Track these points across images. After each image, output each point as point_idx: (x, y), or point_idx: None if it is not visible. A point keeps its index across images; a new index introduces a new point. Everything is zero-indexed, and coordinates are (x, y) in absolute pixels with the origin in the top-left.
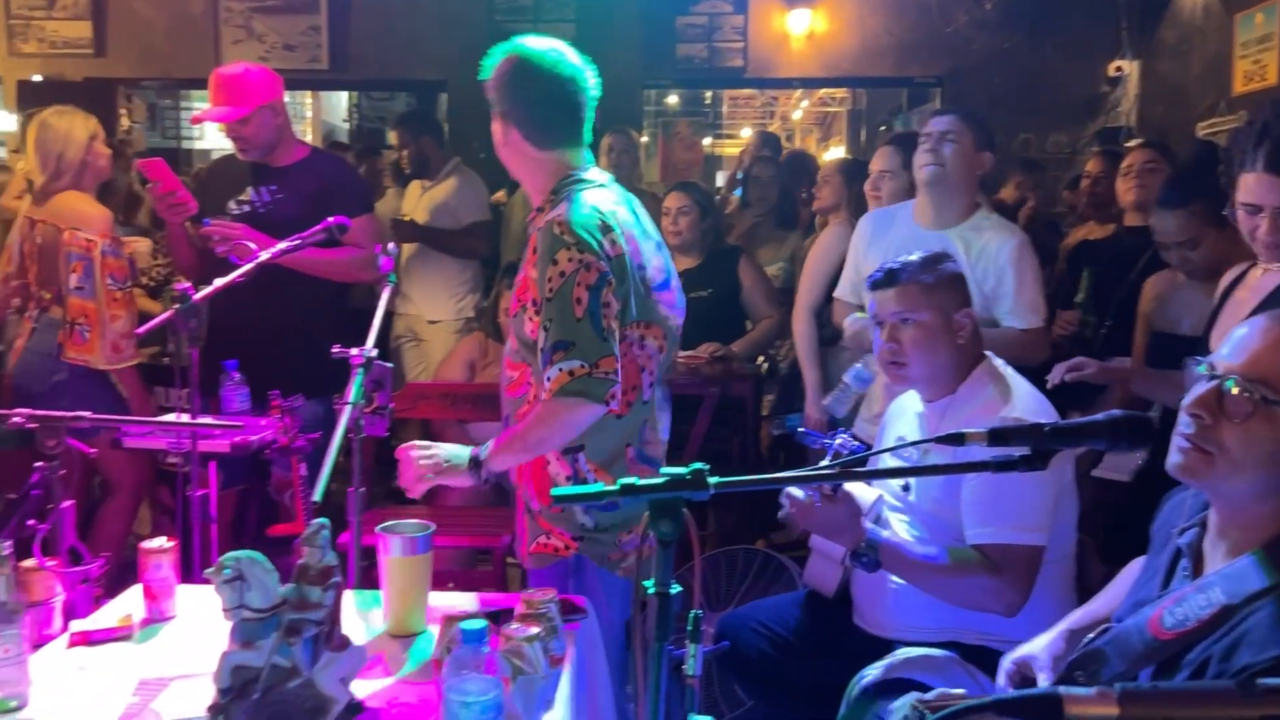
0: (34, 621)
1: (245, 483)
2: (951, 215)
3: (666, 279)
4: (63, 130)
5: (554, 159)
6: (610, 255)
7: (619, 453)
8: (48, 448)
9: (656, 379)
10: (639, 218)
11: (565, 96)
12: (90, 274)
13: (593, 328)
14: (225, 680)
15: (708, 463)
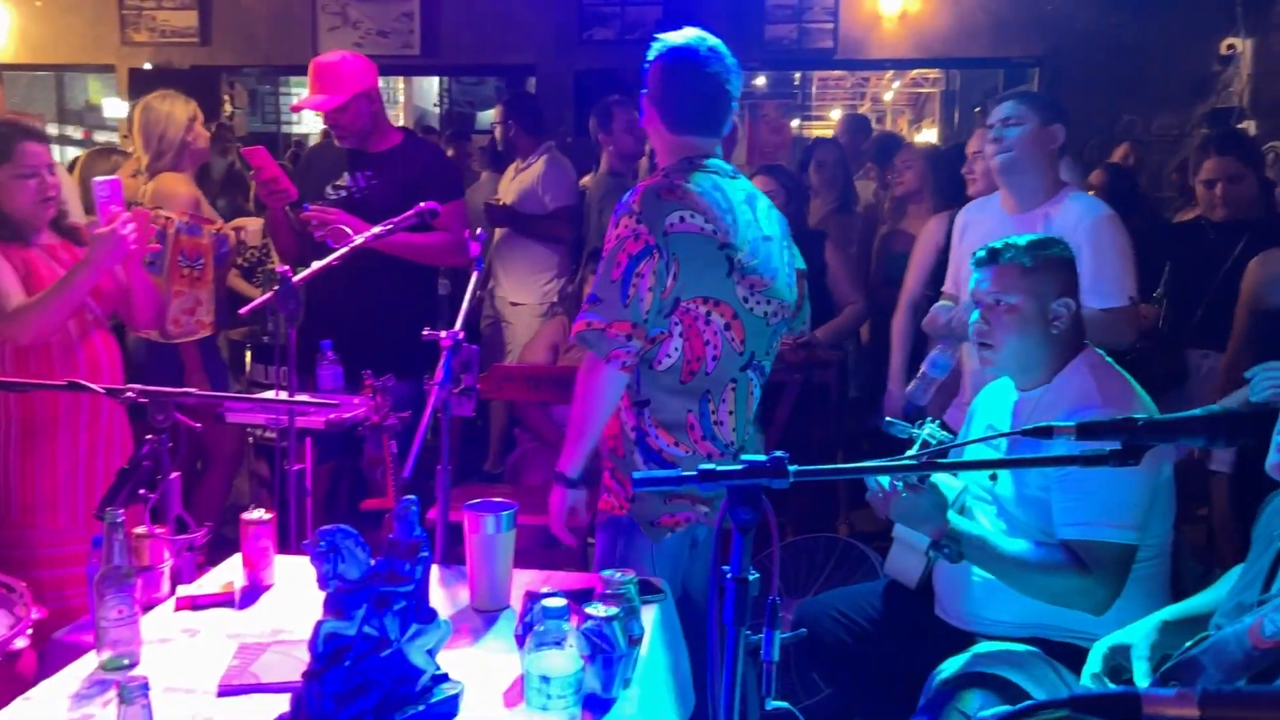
0: (143, 585)
1: (338, 458)
2: (1032, 197)
3: (764, 269)
4: (164, 112)
5: (684, 143)
6: (668, 230)
7: (681, 418)
8: (157, 422)
9: (724, 356)
10: (754, 209)
11: (705, 90)
12: (163, 251)
13: (619, 292)
14: (318, 648)
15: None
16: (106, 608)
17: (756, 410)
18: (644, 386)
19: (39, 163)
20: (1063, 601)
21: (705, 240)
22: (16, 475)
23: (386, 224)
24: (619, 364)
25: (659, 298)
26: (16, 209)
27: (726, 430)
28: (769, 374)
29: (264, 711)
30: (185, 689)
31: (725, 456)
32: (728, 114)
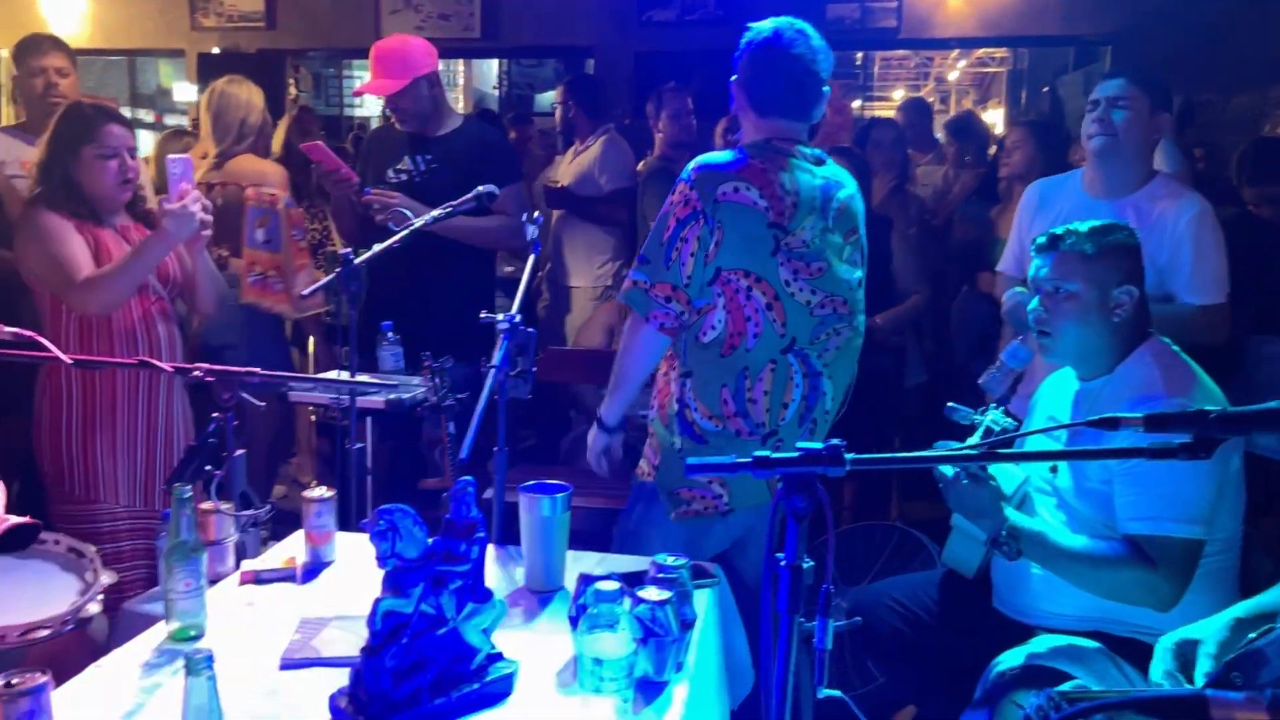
0: (210, 559)
1: (398, 438)
2: (1124, 184)
3: (814, 258)
4: (243, 98)
5: (770, 126)
6: (719, 199)
7: (716, 391)
8: (223, 401)
9: (765, 334)
10: (826, 199)
11: (791, 74)
12: (276, 227)
13: (664, 254)
14: (377, 624)
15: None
16: (174, 580)
17: (825, 408)
18: (688, 357)
19: (120, 144)
20: (1125, 598)
21: (754, 214)
22: (78, 452)
23: (445, 207)
24: (657, 324)
25: (701, 264)
26: (96, 188)
27: (759, 410)
28: (824, 370)
29: (324, 685)
30: (249, 661)
31: (754, 437)
32: (817, 98)
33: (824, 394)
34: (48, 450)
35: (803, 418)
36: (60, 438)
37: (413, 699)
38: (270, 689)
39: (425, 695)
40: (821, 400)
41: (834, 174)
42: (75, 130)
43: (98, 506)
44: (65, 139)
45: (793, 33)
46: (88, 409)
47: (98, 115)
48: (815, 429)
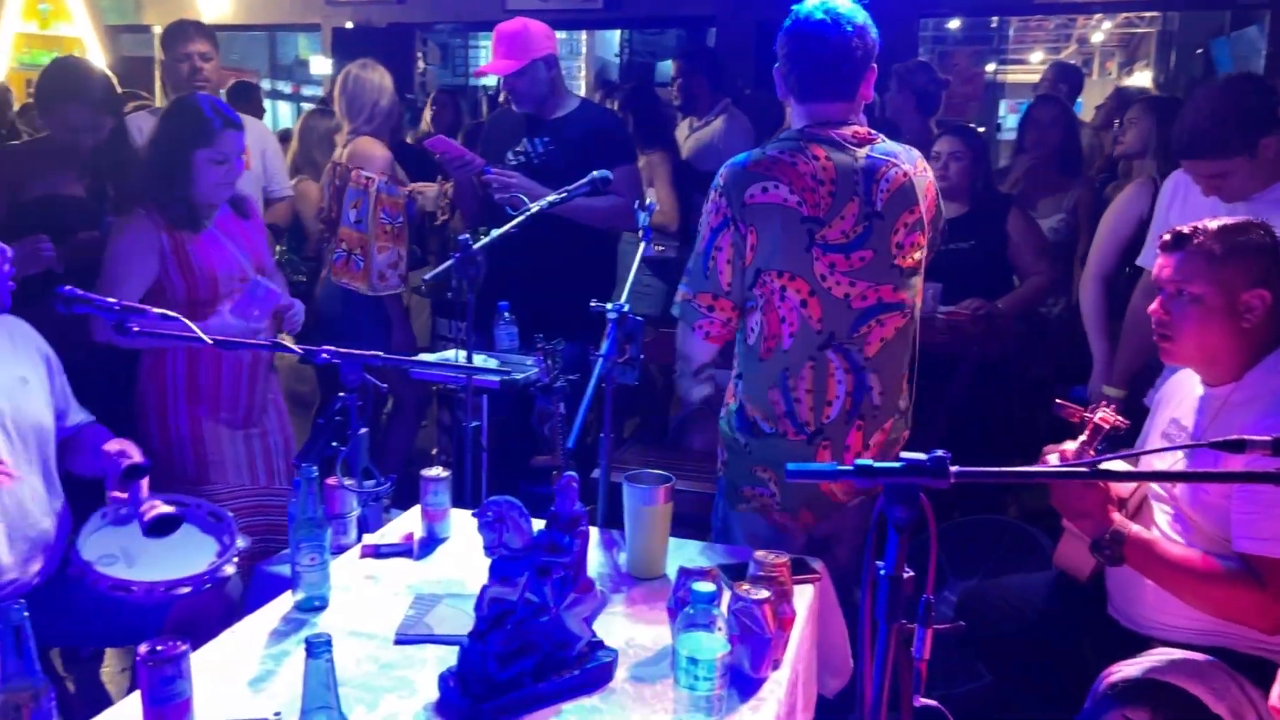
0: (334, 532)
1: (511, 413)
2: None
3: (856, 247)
4: (376, 82)
5: (809, 110)
6: (747, 202)
7: (765, 393)
8: (349, 381)
9: (800, 333)
10: (870, 183)
11: (826, 56)
12: (366, 208)
13: (702, 263)
14: (483, 610)
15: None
16: (300, 554)
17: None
18: (739, 359)
19: (232, 150)
20: (1232, 616)
21: (786, 212)
22: (187, 436)
23: (560, 191)
24: (703, 334)
25: (740, 270)
26: (201, 192)
27: (804, 409)
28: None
29: (435, 661)
30: (366, 634)
31: (800, 437)
32: (856, 77)
33: (870, 389)
34: (157, 433)
35: (849, 415)
36: (169, 421)
37: (515, 682)
38: (385, 662)
39: (527, 679)
40: (868, 396)
41: (885, 152)
42: (192, 131)
43: (212, 487)
44: (179, 139)
45: (822, 12)
46: (193, 393)
47: (218, 120)
48: (865, 426)
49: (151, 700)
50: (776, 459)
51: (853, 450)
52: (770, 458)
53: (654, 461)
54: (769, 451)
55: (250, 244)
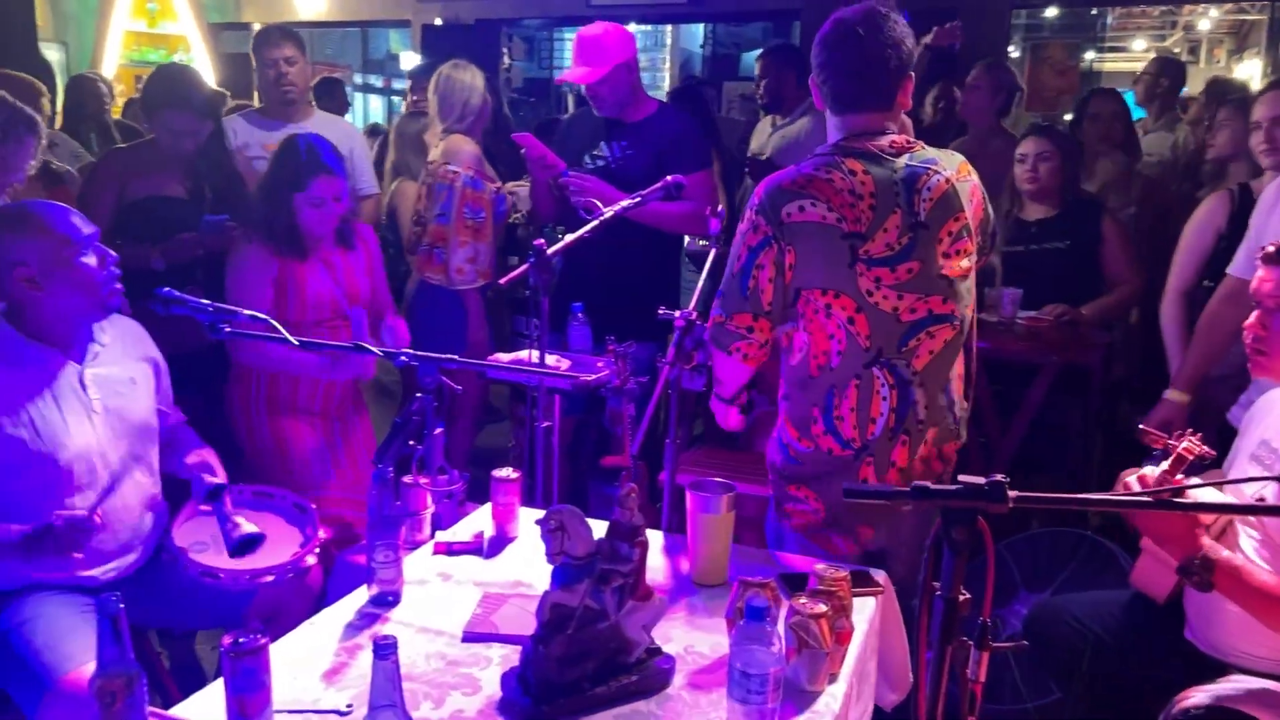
0: (410, 528)
1: (583, 412)
2: None
3: (901, 259)
4: (467, 81)
5: (844, 121)
6: (785, 220)
7: (806, 414)
8: (425, 383)
9: (848, 350)
10: (905, 189)
11: (854, 66)
12: (450, 203)
13: (739, 284)
14: (545, 615)
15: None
16: (375, 551)
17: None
18: (784, 380)
19: (327, 194)
20: None
21: (825, 229)
22: (269, 435)
23: (634, 197)
24: (740, 356)
25: (781, 289)
26: (305, 231)
27: (848, 426)
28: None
29: (499, 660)
30: (435, 630)
31: (847, 453)
32: (892, 85)
33: (914, 403)
34: (243, 430)
35: (893, 431)
36: (252, 419)
37: (575, 686)
38: (452, 658)
39: (586, 683)
40: (912, 410)
41: (924, 159)
42: (289, 175)
43: (298, 482)
44: (280, 181)
45: (858, 21)
46: (274, 393)
47: (311, 167)
48: (910, 440)
49: (233, 689)
50: (816, 476)
51: (897, 465)
52: (808, 475)
53: (721, 464)
54: (807, 469)
55: (348, 276)
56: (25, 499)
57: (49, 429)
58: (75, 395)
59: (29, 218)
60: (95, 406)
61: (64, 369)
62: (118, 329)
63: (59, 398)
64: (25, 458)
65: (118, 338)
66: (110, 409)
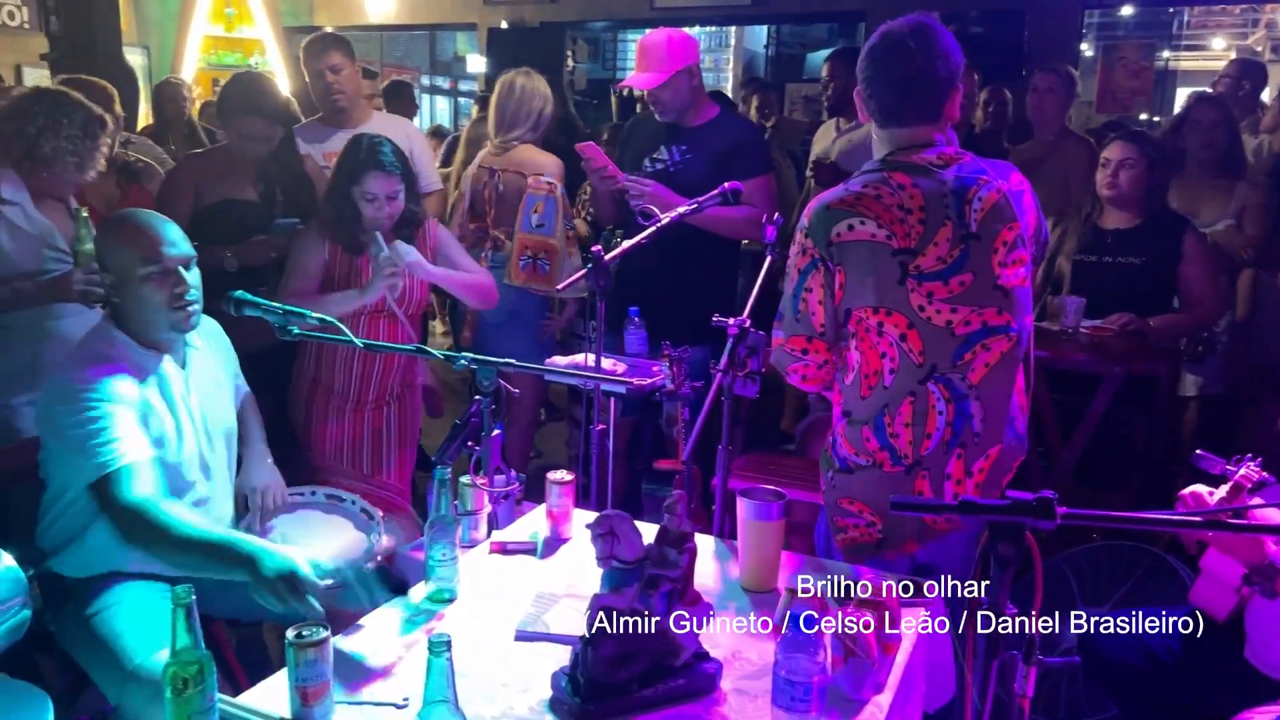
0: (467, 527)
1: (640, 414)
2: None
3: (953, 273)
4: (531, 89)
5: (891, 135)
6: (833, 241)
7: (861, 430)
8: (483, 386)
9: (901, 368)
10: (955, 201)
11: (902, 79)
12: (551, 213)
13: (792, 306)
14: (594, 617)
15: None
16: (433, 549)
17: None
18: (843, 396)
19: (381, 191)
20: None
21: (875, 247)
22: (325, 427)
23: (691, 203)
24: (798, 378)
25: (831, 309)
26: (364, 223)
27: (903, 443)
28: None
29: (550, 659)
30: (489, 628)
31: (898, 468)
32: (941, 99)
33: (971, 416)
34: (304, 424)
35: (948, 445)
36: (312, 415)
37: (623, 687)
38: (504, 657)
39: (634, 685)
40: (969, 424)
41: (974, 170)
42: (348, 170)
43: (349, 479)
44: (340, 175)
45: (904, 31)
46: (330, 382)
47: (368, 163)
48: (966, 454)
49: (296, 679)
50: (870, 491)
51: (953, 479)
52: (861, 491)
53: (774, 470)
54: (860, 484)
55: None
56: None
57: (162, 429)
58: (182, 399)
59: (119, 228)
60: (195, 409)
61: (171, 373)
62: (203, 329)
63: (169, 400)
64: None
65: (205, 339)
66: (204, 412)
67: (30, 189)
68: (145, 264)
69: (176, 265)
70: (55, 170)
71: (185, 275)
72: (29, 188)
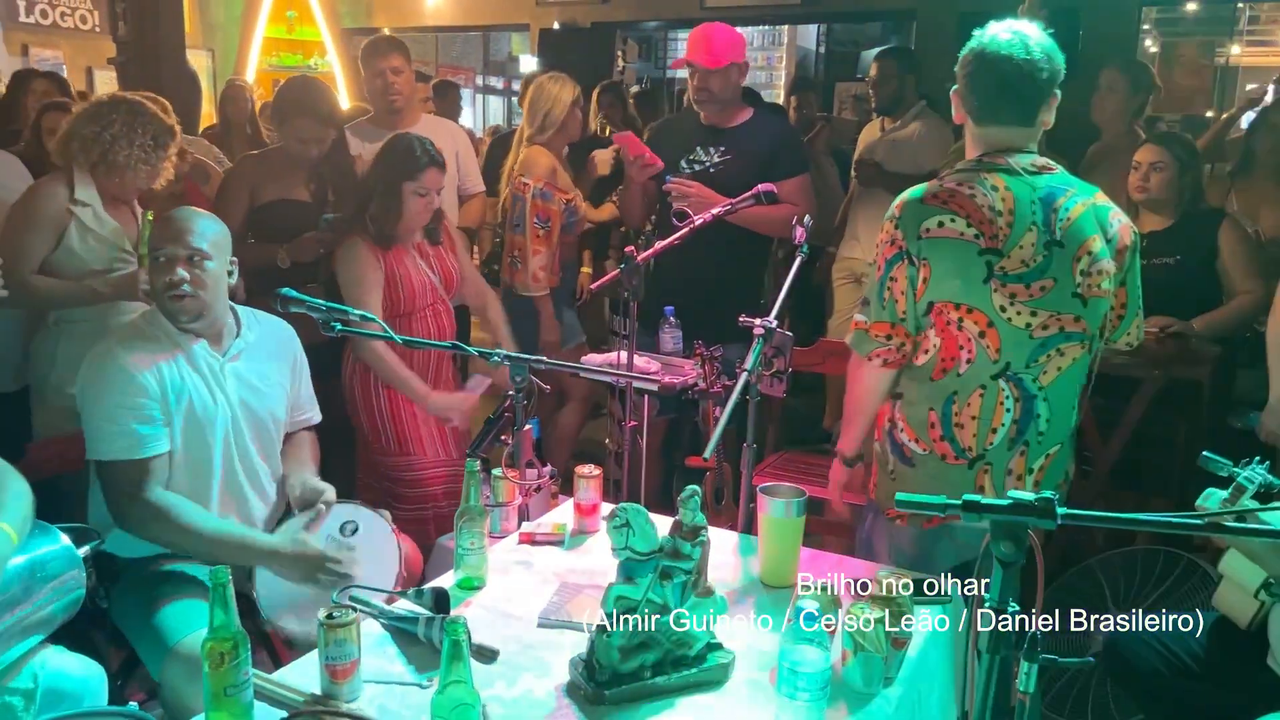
0: (497, 519)
1: (677, 412)
2: None
3: (1036, 277)
4: (554, 92)
5: (987, 134)
6: (922, 235)
7: (923, 415)
8: (515, 381)
9: (977, 361)
10: (1048, 212)
11: (1004, 79)
12: (524, 213)
13: (878, 294)
14: (609, 606)
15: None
16: (462, 539)
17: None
18: (901, 379)
19: (434, 185)
20: None
21: (963, 245)
22: (388, 417)
23: (725, 204)
24: (880, 361)
25: (913, 300)
26: (406, 218)
27: (966, 434)
28: (1040, 393)
29: (570, 646)
30: (514, 615)
31: (960, 461)
32: (1038, 102)
33: (1038, 416)
34: (362, 413)
35: (1013, 441)
36: (372, 403)
37: (636, 674)
38: (527, 642)
39: (648, 672)
40: (1035, 423)
41: (1060, 182)
42: (402, 166)
43: (410, 459)
44: (390, 172)
45: (1009, 34)
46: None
47: (424, 159)
48: (1028, 450)
49: (327, 657)
50: (935, 486)
51: (1014, 474)
52: (926, 485)
53: (806, 469)
54: (925, 474)
55: (441, 264)
56: (180, 467)
57: (200, 404)
58: (218, 385)
59: (160, 220)
60: (231, 398)
61: (209, 360)
62: (265, 327)
63: (206, 380)
64: (185, 429)
65: (263, 336)
66: (243, 402)
67: (101, 192)
68: (153, 251)
69: (176, 256)
70: (126, 176)
71: (180, 269)
72: (100, 191)
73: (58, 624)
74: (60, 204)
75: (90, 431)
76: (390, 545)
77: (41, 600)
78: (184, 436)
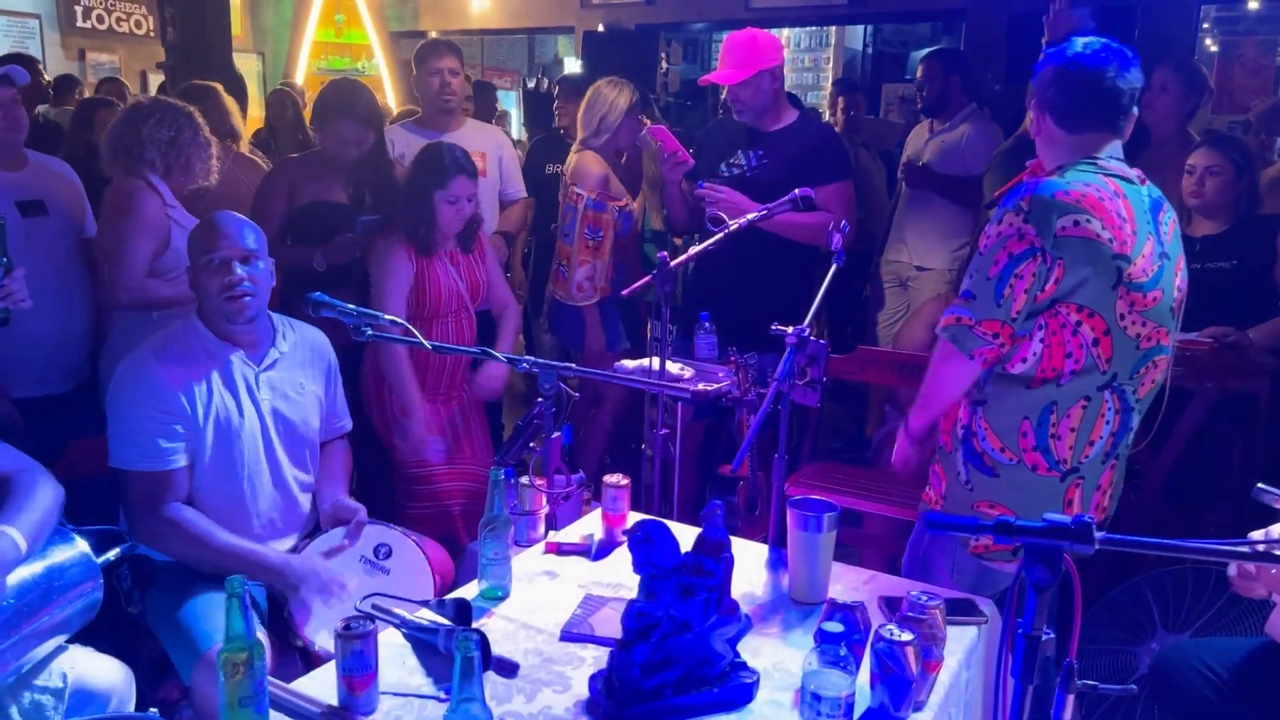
0: (526, 526)
1: (712, 418)
2: None
3: (1151, 287)
4: (610, 97)
5: (1082, 140)
6: (1059, 234)
7: (1014, 423)
8: (544, 389)
9: (1084, 370)
10: (1155, 222)
11: (1100, 85)
12: (574, 223)
13: (994, 291)
14: (629, 622)
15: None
16: (486, 548)
17: (1126, 442)
18: (987, 384)
19: (463, 194)
20: None
21: (1099, 247)
22: (396, 417)
23: (761, 209)
24: (980, 360)
25: (1033, 300)
26: (440, 226)
27: (1063, 446)
28: (1135, 405)
29: (592, 661)
30: (536, 627)
31: (1052, 473)
32: (1125, 112)
33: (1130, 430)
34: (376, 417)
35: (1107, 455)
36: (386, 408)
37: (657, 693)
38: (548, 656)
39: (669, 691)
40: (1127, 436)
41: (1158, 193)
42: (432, 175)
43: (432, 466)
44: (422, 180)
45: (1098, 45)
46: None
47: (453, 167)
48: (1117, 463)
49: (344, 669)
50: (1021, 496)
51: (1103, 489)
52: (1009, 496)
53: (843, 480)
54: (1009, 485)
55: (470, 273)
56: (209, 477)
57: (226, 417)
58: (250, 393)
59: (198, 226)
60: (264, 408)
61: (243, 368)
62: (300, 335)
63: (236, 393)
64: (214, 441)
65: (298, 345)
66: (275, 411)
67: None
68: (204, 254)
69: (230, 257)
70: (188, 177)
71: (239, 268)
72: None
73: (76, 627)
74: (160, 208)
75: (114, 439)
76: (423, 567)
77: (58, 607)
78: (213, 447)
